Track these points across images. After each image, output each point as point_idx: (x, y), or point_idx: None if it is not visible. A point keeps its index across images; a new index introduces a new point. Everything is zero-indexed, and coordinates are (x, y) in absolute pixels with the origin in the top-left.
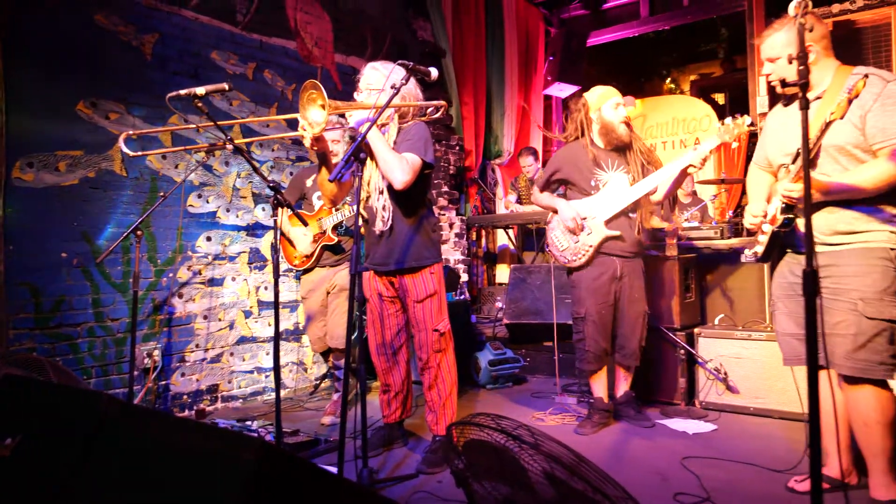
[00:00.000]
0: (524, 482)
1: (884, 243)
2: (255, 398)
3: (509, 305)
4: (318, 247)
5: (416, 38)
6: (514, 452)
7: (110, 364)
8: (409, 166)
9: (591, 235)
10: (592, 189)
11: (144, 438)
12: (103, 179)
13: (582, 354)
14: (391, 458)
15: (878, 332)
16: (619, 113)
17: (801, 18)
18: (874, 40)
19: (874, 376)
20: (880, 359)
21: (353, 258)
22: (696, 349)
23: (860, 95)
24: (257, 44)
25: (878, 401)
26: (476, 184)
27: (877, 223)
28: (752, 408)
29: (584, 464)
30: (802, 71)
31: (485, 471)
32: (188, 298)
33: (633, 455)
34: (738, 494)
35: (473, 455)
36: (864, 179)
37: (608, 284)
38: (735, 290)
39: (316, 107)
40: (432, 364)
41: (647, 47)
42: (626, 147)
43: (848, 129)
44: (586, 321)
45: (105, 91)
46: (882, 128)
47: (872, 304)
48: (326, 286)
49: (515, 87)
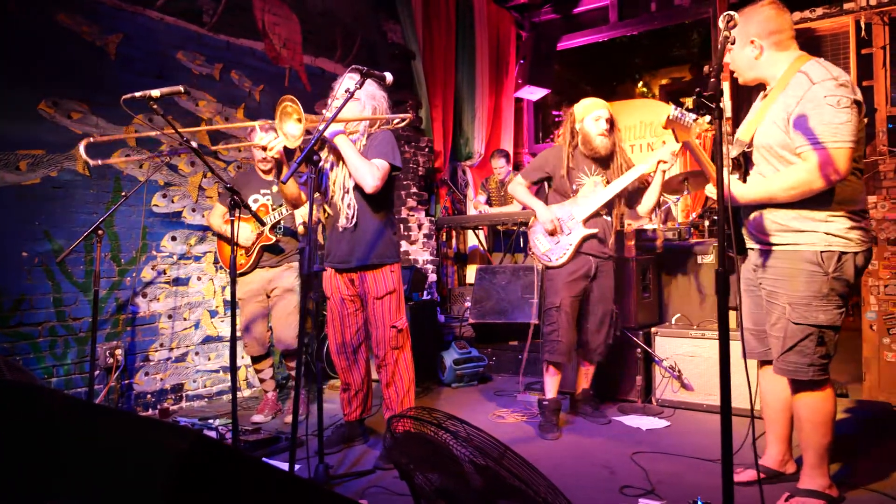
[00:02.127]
0: (457, 472)
1: (813, 246)
2: (221, 397)
3: (474, 305)
4: (255, 246)
5: (386, 40)
6: (447, 443)
7: (72, 363)
8: (380, 172)
9: (570, 235)
10: (572, 192)
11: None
12: (65, 179)
13: (554, 346)
14: (350, 455)
15: (805, 336)
16: (599, 126)
17: (726, 31)
18: (833, 48)
19: (803, 377)
20: (809, 361)
21: (307, 259)
22: (653, 348)
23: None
24: (224, 44)
25: (814, 400)
26: (446, 185)
27: (810, 223)
28: (704, 404)
29: (509, 453)
30: (714, 84)
31: (422, 462)
32: (152, 298)
33: (585, 450)
34: (681, 486)
35: (411, 447)
36: (776, 188)
37: (581, 281)
38: (691, 289)
39: (292, 120)
40: (389, 361)
41: (620, 51)
42: (607, 157)
43: (774, 130)
44: (561, 310)
45: (68, 91)
46: (801, 132)
47: (798, 310)
48: (266, 288)
49: (486, 90)
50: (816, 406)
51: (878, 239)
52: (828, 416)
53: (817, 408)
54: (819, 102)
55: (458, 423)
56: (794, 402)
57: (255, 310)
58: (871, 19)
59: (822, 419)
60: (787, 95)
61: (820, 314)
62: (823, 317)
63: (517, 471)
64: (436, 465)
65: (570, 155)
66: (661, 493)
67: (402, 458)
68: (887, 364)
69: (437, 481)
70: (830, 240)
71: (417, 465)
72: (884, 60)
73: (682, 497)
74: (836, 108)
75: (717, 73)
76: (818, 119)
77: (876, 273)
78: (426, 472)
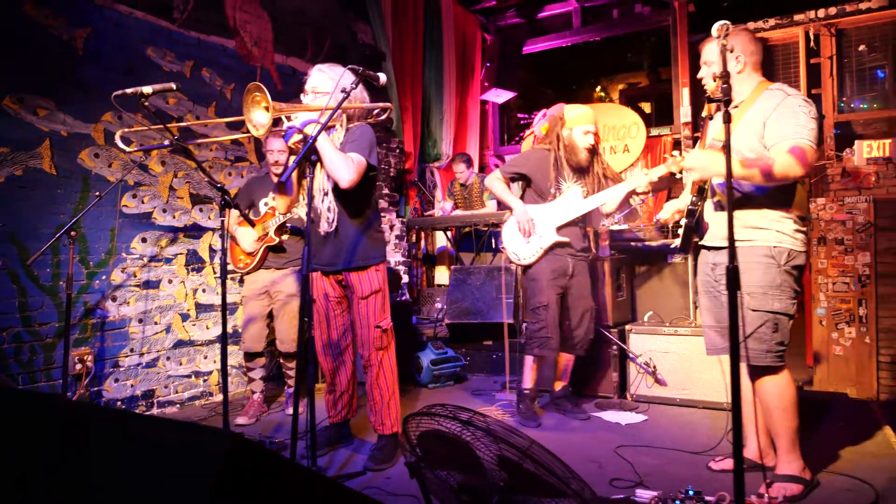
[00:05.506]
0: (477, 468)
1: (767, 242)
2: (193, 402)
3: (450, 306)
4: (261, 247)
5: (356, 40)
6: (467, 440)
7: (38, 371)
8: (355, 166)
9: (542, 238)
10: (550, 196)
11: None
12: (31, 178)
13: (543, 342)
14: (337, 458)
15: (763, 323)
16: (587, 140)
17: (724, 40)
18: (784, 57)
19: (762, 363)
20: (767, 347)
21: (304, 258)
22: (627, 345)
23: (763, 105)
24: (195, 41)
25: (776, 386)
26: (415, 186)
27: (767, 222)
28: (678, 399)
29: (535, 446)
30: (725, 89)
31: (439, 460)
32: (122, 301)
33: (571, 446)
34: (666, 477)
35: (427, 446)
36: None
37: (561, 279)
38: (663, 288)
39: (260, 109)
40: (374, 361)
41: (579, 56)
42: (586, 167)
43: (748, 136)
44: (549, 309)
45: (33, 86)
46: (776, 132)
47: (756, 298)
48: (270, 290)
49: (453, 92)
50: (779, 391)
51: (826, 239)
52: (790, 400)
53: (779, 393)
54: (795, 109)
55: (482, 417)
56: (758, 390)
57: (257, 308)
58: (820, 31)
59: (786, 404)
60: (761, 107)
61: (775, 302)
62: (778, 304)
63: (546, 463)
64: (454, 462)
65: (556, 160)
66: (649, 484)
67: (414, 456)
68: (836, 357)
69: (456, 479)
70: (781, 237)
71: (432, 462)
72: (831, 70)
73: (671, 487)
74: (808, 116)
75: (724, 79)
76: (794, 121)
77: (825, 271)
78: (443, 470)
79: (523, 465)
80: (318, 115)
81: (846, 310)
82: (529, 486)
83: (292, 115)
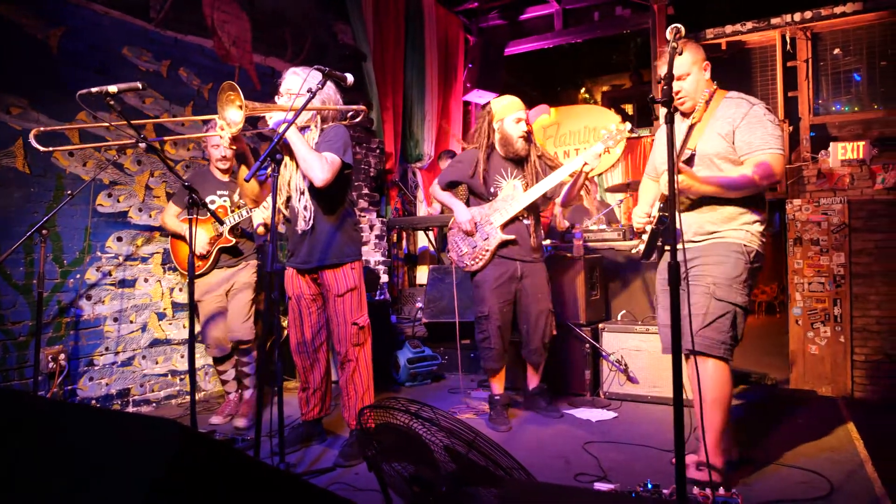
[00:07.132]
0: (428, 459)
1: (740, 240)
2: (169, 401)
3: (428, 305)
4: (214, 249)
5: (336, 41)
6: (417, 431)
7: (11, 369)
8: (329, 165)
9: (487, 240)
10: (490, 195)
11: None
12: (4, 177)
13: (487, 353)
14: (309, 454)
15: (724, 314)
16: (520, 127)
17: (674, 42)
18: (761, 60)
19: (715, 353)
20: (722, 338)
21: (269, 256)
22: (600, 343)
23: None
24: (172, 41)
25: (719, 376)
26: (397, 186)
27: (737, 223)
28: (649, 396)
29: (480, 438)
30: (666, 90)
31: (392, 452)
32: (97, 300)
33: (540, 442)
34: (630, 472)
35: (382, 438)
36: (731, 179)
37: (509, 284)
38: (636, 287)
39: (234, 107)
40: (351, 357)
41: (563, 58)
42: (524, 158)
43: (718, 141)
44: (490, 319)
45: (6, 85)
46: (747, 142)
47: (722, 288)
48: (225, 287)
49: (435, 93)
50: (718, 383)
51: (802, 239)
52: (726, 394)
53: (718, 384)
54: (762, 119)
55: (430, 410)
56: (702, 381)
57: (214, 310)
58: (796, 34)
59: (721, 396)
60: (726, 114)
61: (738, 296)
62: (740, 298)
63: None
64: (408, 454)
65: (486, 157)
66: (612, 478)
67: (371, 449)
68: (811, 356)
69: (409, 470)
70: (749, 237)
71: (389, 455)
72: (807, 73)
73: (632, 481)
74: (773, 124)
75: (668, 81)
76: (763, 131)
77: (801, 271)
78: (397, 462)
79: (469, 455)
80: (289, 114)
81: (822, 309)
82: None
83: (266, 116)
